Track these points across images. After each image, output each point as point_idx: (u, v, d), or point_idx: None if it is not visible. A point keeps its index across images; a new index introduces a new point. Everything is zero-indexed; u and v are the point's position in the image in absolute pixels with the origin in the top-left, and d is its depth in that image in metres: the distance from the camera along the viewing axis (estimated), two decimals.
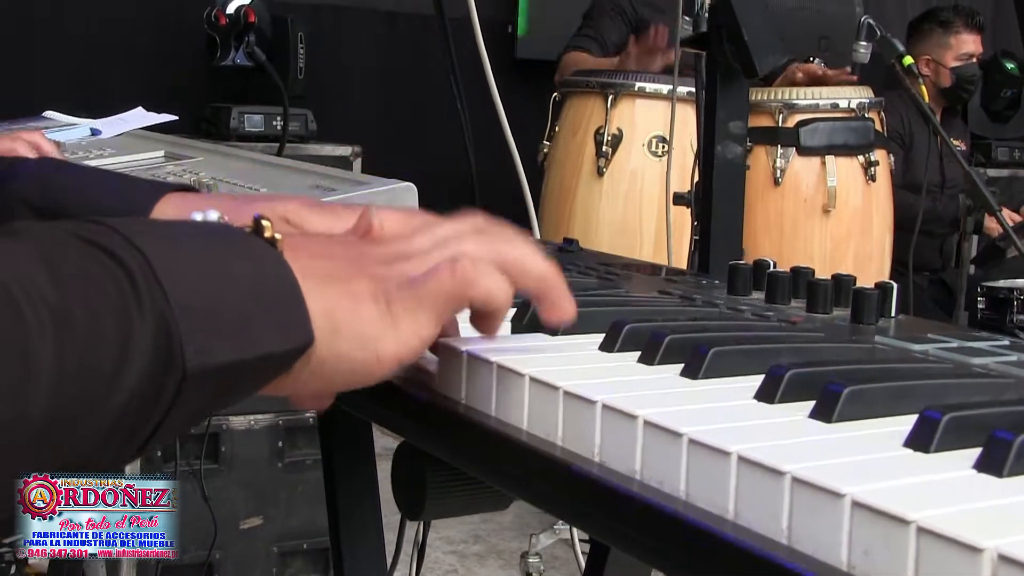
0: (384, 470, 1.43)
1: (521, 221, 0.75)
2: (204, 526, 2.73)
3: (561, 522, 3.32)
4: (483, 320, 0.74)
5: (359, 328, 0.66)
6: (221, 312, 0.60)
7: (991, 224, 3.97)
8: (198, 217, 0.70)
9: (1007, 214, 4.28)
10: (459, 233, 0.74)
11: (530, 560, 3.21)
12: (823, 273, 0.94)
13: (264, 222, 0.66)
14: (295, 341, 0.63)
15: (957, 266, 4.20)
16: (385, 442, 1.46)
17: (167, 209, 0.92)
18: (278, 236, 0.66)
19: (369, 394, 0.79)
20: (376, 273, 0.69)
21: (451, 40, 1.49)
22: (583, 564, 2.76)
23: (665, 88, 3.33)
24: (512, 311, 0.83)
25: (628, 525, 0.60)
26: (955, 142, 3.95)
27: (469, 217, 0.76)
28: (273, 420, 2.86)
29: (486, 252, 0.72)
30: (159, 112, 2.18)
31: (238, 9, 3.84)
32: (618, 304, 0.87)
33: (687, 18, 2.51)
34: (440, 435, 0.75)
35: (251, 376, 0.63)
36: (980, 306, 3.86)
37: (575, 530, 2.69)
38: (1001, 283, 3.90)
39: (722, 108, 1.32)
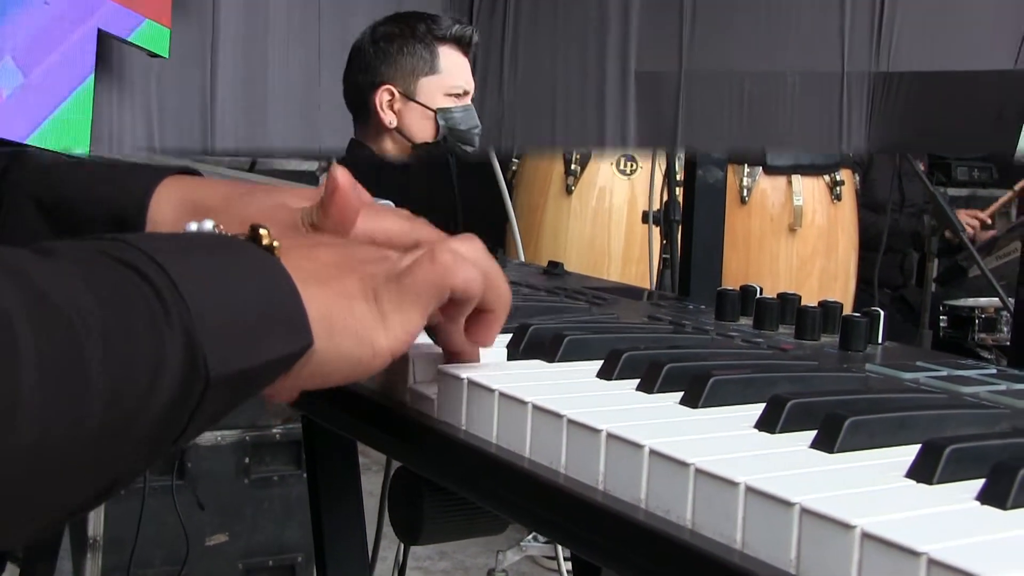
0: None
1: (499, 235, 0.78)
2: (172, 543, 2.71)
3: (527, 539, 3.32)
4: (454, 308, 0.76)
5: (353, 326, 0.70)
6: (233, 323, 0.63)
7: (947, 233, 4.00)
8: (193, 227, 0.73)
9: (971, 213, 4.33)
10: (442, 235, 0.79)
11: None
12: (788, 292, 0.97)
13: (261, 231, 0.69)
14: (297, 345, 0.67)
15: (919, 284, 4.23)
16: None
17: (167, 191, 0.94)
18: (276, 244, 0.69)
19: (372, 420, 0.80)
20: (363, 271, 0.72)
21: None
22: None
23: None
24: (508, 336, 0.84)
25: (634, 552, 0.61)
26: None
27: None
28: (239, 436, 2.85)
29: (468, 251, 0.75)
30: None
31: None
32: (613, 331, 0.88)
33: None
34: (440, 461, 0.75)
35: (260, 379, 0.66)
36: (942, 324, 3.89)
37: (559, 547, 2.70)
38: (963, 302, 3.94)
39: None
